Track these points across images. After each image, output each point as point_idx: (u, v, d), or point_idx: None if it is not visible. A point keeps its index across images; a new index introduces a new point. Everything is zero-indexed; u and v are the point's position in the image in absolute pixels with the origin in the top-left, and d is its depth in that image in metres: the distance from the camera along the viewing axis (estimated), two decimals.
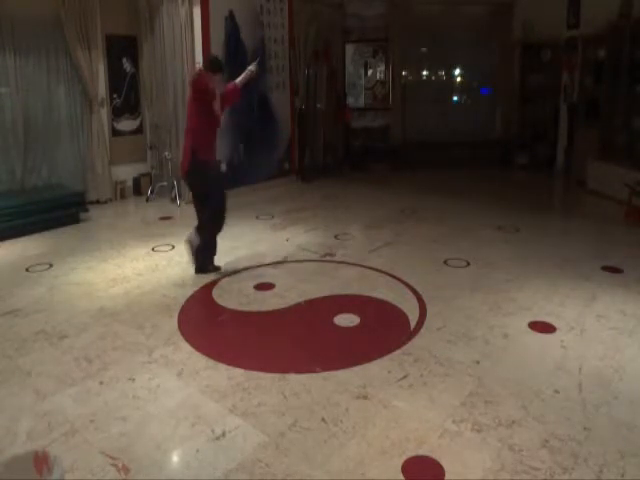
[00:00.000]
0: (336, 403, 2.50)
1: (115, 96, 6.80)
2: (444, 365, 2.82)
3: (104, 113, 6.65)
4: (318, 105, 8.09)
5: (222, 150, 6.82)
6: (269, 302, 3.69)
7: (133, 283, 4.04)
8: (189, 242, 4.10)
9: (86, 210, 5.91)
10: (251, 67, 4.16)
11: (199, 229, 4.09)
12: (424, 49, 9.38)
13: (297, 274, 4.21)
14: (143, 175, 7.14)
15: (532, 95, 8.56)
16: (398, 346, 3.02)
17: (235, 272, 4.25)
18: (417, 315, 3.42)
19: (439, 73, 9.51)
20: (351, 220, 5.84)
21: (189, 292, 3.86)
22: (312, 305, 3.65)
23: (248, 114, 7.08)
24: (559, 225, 5.62)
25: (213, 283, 4.02)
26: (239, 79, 4.12)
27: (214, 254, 4.21)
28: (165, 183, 6.94)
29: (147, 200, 6.87)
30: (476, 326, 3.26)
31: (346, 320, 3.37)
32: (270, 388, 2.63)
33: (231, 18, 6.69)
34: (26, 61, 5.89)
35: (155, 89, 6.94)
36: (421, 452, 2.16)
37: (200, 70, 4.07)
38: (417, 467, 2.09)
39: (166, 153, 6.77)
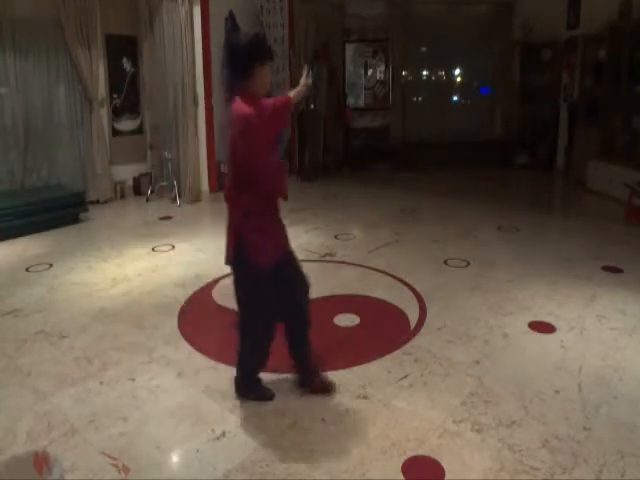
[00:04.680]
0: (336, 403, 2.50)
1: (115, 96, 6.80)
2: (444, 365, 2.82)
3: (104, 113, 6.64)
4: (312, 106, 8.03)
5: (222, 150, 6.85)
6: None
7: (133, 283, 4.04)
8: None
9: (86, 210, 5.91)
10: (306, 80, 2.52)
11: None
12: (424, 49, 9.38)
13: None
14: (143, 175, 7.14)
15: (532, 95, 8.56)
16: (398, 346, 3.02)
17: None
18: (417, 315, 3.42)
19: (439, 73, 9.52)
20: (351, 220, 5.84)
21: (189, 292, 3.86)
22: (312, 305, 3.63)
23: None
24: (559, 225, 5.62)
25: (213, 283, 4.03)
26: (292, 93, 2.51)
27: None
28: (165, 183, 6.94)
29: (147, 200, 6.87)
30: (476, 326, 3.26)
31: (346, 320, 3.37)
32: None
33: (231, 18, 6.69)
34: (26, 61, 5.89)
35: (155, 89, 6.94)
36: (421, 452, 2.16)
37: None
38: (417, 467, 2.09)
39: (166, 153, 6.77)
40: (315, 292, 3.80)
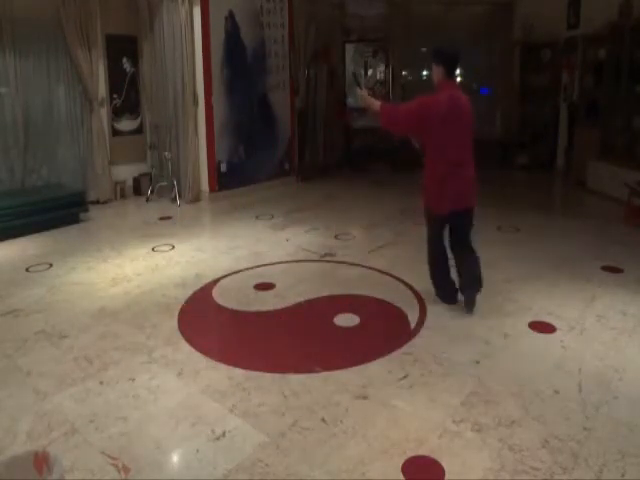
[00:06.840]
0: (336, 403, 2.50)
1: (115, 96, 6.80)
2: (444, 365, 2.82)
3: (104, 113, 6.64)
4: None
5: (222, 150, 6.86)
6: (269, 302, 3.69)
7: (133, 283, 4.04)
8: None
9: (86, 210, 5.91)
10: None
11: None
12: (424, 49, 9.37)
13: (297, 274, 4.21)
14: (143, 175, 7.14)
15: (532, 95, 8.55)
16: (398, 346, 3.02)
17: (235, 272, 4.25)
18: (417, 315, 3.42)
19: None
20: (351, 220, 5.84)
21: (189, 292, 3.86)
22: (312, 305, 3.65)
23: (248, 114, 7.11)
24: (559, 225, 5.62)
25: (213, 283, 4.03)
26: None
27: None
28: (165, 183, 6.94)
29: (147, 200, 6.87)
30: (476, 326, 3.26)
31: (346, 320, 3.37)
32: (270, 388, 2.63)
33: (231, 18, 6.70)
34: (26, 61, 5.89)
35: (155, 89, 6.94)
36: (421, 452, 2.16)
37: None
38: (417, 467, 2.09)
39: (166, 153, 6.77)
40: (315, 292, 3.83)
